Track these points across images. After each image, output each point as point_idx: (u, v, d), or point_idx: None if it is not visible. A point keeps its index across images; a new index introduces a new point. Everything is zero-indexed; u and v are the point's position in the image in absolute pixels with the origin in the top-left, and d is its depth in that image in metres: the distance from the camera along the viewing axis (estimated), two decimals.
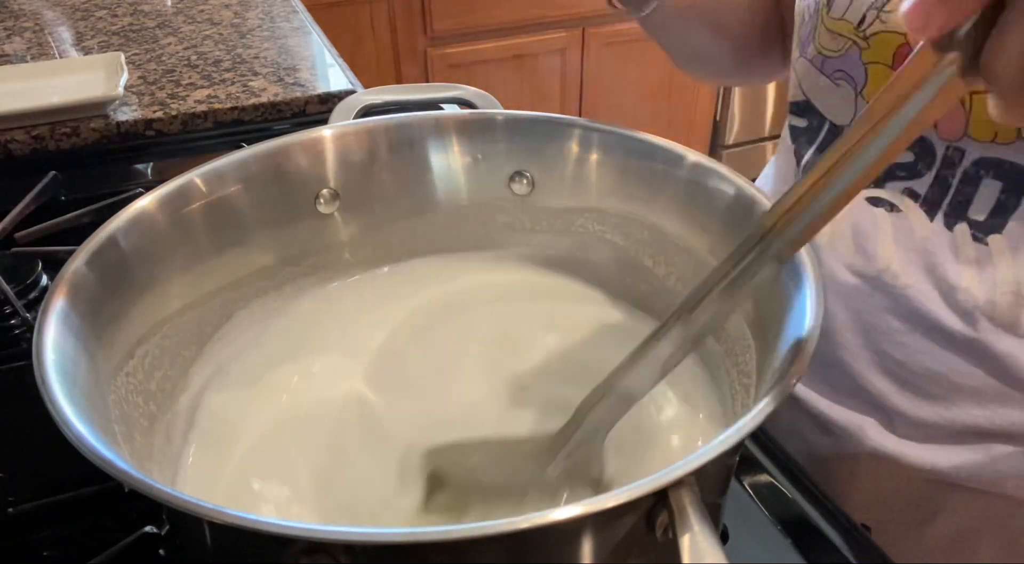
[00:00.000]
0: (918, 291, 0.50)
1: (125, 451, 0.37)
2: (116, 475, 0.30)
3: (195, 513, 0.28)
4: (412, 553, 0.29)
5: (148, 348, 0.44)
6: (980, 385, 0.50)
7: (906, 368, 0.52)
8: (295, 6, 1.27)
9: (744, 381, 0.43)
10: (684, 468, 0.29)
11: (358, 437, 0.46)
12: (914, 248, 0.50)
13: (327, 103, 0.97)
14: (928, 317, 0.50)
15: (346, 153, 0.53)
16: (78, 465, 0.30)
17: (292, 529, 0.27)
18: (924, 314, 0.50)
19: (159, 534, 0.45)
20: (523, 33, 2.13)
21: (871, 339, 0.53)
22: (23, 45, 1.14)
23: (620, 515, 0.30)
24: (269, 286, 0.52)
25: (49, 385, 0.33)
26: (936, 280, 0.50)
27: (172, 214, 0.46)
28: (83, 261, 0.41)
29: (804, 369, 0.33)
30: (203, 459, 0.46)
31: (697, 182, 0.48)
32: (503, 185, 0.55)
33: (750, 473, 0.49)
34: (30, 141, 0.89)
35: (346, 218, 0.54)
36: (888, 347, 0.53)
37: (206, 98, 0.96)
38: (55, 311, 0.38)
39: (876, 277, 0.52)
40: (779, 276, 0.38)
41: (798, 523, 0.46)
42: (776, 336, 0.38)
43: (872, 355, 0.54)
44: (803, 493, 0.48)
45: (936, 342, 0.50)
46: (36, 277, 0.66)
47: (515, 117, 0.54)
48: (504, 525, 0.27)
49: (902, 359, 0.52)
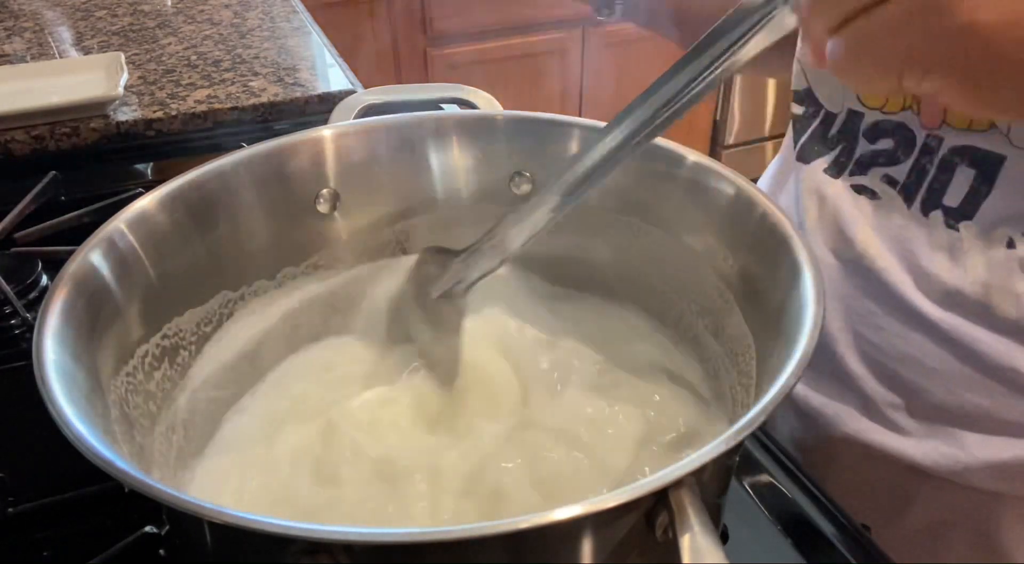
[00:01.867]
0: (893, 275, 0.51)
1: (125, 451, 0.37)
2: (116, 475, 0.30)
3: (195, 513, 0.28)
4: (412, 553, 0.29)
5: (148, 348, 0.44)
6: (950, 370, 0.50)
7: (881, 351, 0.53)
8: (295, 6, 1.27)
9: (744, 381, 0.43)
10: (684, 468, 0.29)
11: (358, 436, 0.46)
12: (891, 234, 0.51)
13: (327, 103, 0.97)
14: (902, 301, 0.51)
15: (346, 153, 0.53)
16: (78, 465, 0.30)
17: (292, 529, 0.27)
18: (899, 298, 0.51)
19: (159, 534, 0.45)
20: (523, 33, 2.13)
21: (850, 321, 0.54)
22: (23, 45, 1.14)
23: (620, 515, 0.30)
24: (269, 286, 0.52)
25: (49, 385, 0.33)
26: (910, 265, 0.51)
27: (172, 214, 0.46)
28: (83, 261, 0.41)
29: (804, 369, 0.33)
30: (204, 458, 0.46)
31: (697, 182, 0.48)
32: (503, 185, 0.55)
33: (750, 473, 0.49)
34: (30, 141, 0.89)
35: (346, 218, 0.54)
36: (865, 329, 0.54)
37: (206, 98, 0.96)
38: (55, 311, 0.38)
39: (855, 261, 0.53)
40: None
41: (798, 523, 0.46)
42: (776, 336, 0.38)
43: (850, 337, 0.55)
44: (803, 493, 0.48)
45: (909, 325, 0.51)
46: (36, 277, 0.66)
47: (515, 117, 0.54)
48: (504, 525, 0.27)
49: (878, 342, 0.53)
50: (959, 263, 0.48)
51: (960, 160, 0.48)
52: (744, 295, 0.45)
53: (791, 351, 0.34)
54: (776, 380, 0.33)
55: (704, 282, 0.48)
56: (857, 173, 0.53)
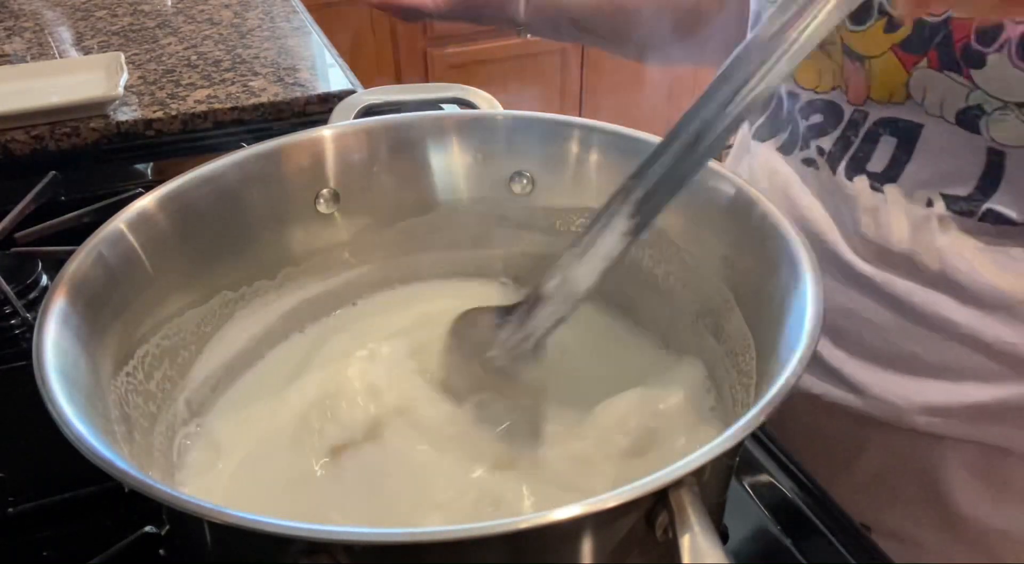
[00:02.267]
0: (830, 235, 0.55)
1: (125, 451, 0.37)
2: (116, 475, 0.30)
3: (195, 513, 0.29)
4: (412, 553, 0.29)
5: (148, 348, 0.44)
6: (884, 321, 0.54)
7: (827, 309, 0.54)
8: (295, 6, 1.27)
9: (744, 381, 0.43)
10: (684, 468, 0.29)
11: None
12: (830, 201, 0.55)
13: (327, 103, 0.97)
14: (839, 259, 0.55)
15: (346, 153, 0.53)
16: (78, 465, 0.30)
17: (292, 529, 0.27)
18: (836, 256, 0.55)
19: (159, 534, 0.45)
20: None
21: None
22: (23, 45, 1.14)
23: (620, 515, 0.30)
24: (269, 286, 0.52)
25: (49, 385, 0.33)
26: (843, 227, 0.55)
27: (172, 214, 0.46)
28: (83, 261, 0.41)
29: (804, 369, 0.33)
30: (204, 458, 0.46)
31: (697, 182, 0.48)
32: (503, 185, 0.55)
33: (750, 473, 0.49)
34: (30, 141, 0.89)
35: (346, 218, 0.54)
36: None
37: (206, 98, 0.96)
38: (55, 311, 0.38)
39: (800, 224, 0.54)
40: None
41: (798, 523, 0.46)
42: (776, 336, 0.38)
43: None
44: (803, 493, 0.48)
45: (845, 283, 0.55)
46: (36, 277, 0.66)
47: (515, 117, 0.54)
48: (504, 525, 0.27)
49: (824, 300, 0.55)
50: (884, 223, 0.52)
51: (884, 131, 0.52)
52: (744, 295, 0.45)
53: (791, 351, 0.34)
54: (776, 380, 0.33)
55: (704, 282, 0.48)
56: (804, 148, 0.57)
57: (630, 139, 0.51)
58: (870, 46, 0.50)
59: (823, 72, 0.54)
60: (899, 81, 0.49)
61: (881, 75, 0.50)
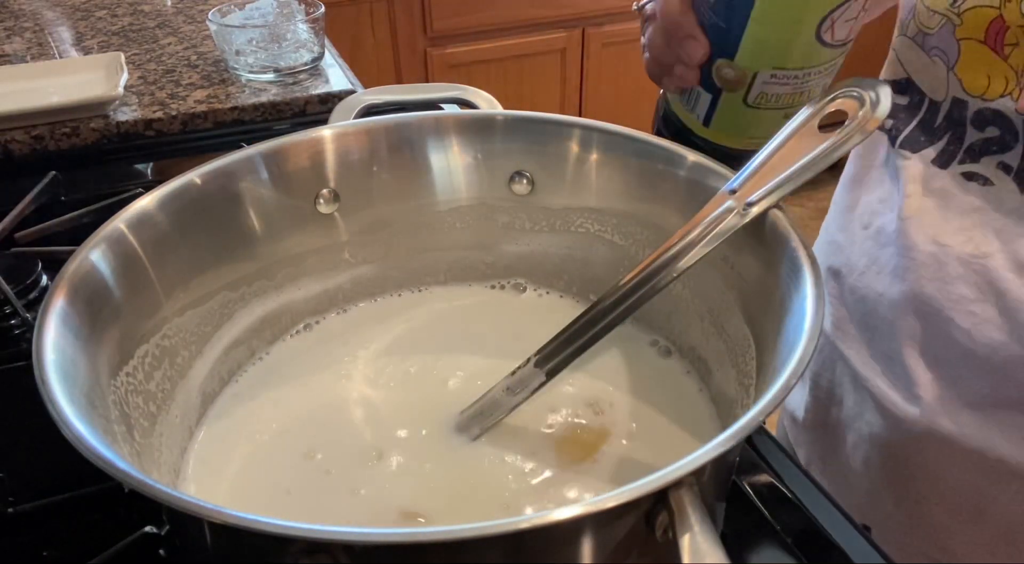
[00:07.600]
0: (995, 261, 0.50)
1: (125, 451, 0.37)
2: (116, 475, 0.30)
3: (195, 513, 0.29)
4: (412, 553, 0.29)
5: (148, 348, 0.44)
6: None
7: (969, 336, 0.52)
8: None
9: (744, 381, 0.43)
10: (684, 468, 0.29)
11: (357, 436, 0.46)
12: (997, 222, 0.51)
13: (327, 103, 0.97)
14: (998, 286, 0.50)
15: (346, 153, 0.53)
16: (78, 465, 0.30)
17: (292, 529, 0.27)
18: (996, 283, 0.50)
19: (159, 534, 0.45)
20: (523, 33, 2.13)
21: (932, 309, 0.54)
22: (23, 45, 1.14)
23: (620, 515, 0.30)
24: (269, 286, 0.52)
25: (49, 385, 0.33)
26: (1011, 251, 0.50)
27: (172, 214, 0.46)
28: (83, 261, 0.41)
29: (804, 369, 0.33)
30: (203, 459, 0.46)
31: (697, 182, 0.48)
32: (503, 185, 0.55)
33: (750, 473, 0.49)
34: (30, 141, 0.89)
35: (346, 218, 0.54)
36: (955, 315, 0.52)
37: (206, 98, 0.96)
38: (55, 311, 0.38)
39: (957, 246, 0.52)
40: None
41: (798, 523, 0.46)
42: (776, 336, 0.38)
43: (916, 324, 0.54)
44: (803, 493, 0.48)
45: (1004, 312, 0.50)
46: (36, 277, 0.66)
47: (515, 117, 0.54)
48: (504, 525, 0.27)
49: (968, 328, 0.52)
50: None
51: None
52: (744, 295, 0.45)
53: (791, 351, 0.34)
54: (776, 380, 0.33)
55: (704, 282, 0.48)
56: (968, 161, 0.52)
57: (630, 139, 0.51)
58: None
59: (993, 77, 0.49)
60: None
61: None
